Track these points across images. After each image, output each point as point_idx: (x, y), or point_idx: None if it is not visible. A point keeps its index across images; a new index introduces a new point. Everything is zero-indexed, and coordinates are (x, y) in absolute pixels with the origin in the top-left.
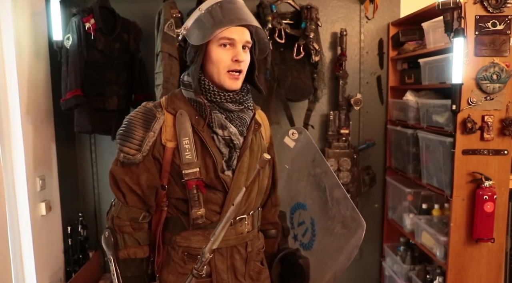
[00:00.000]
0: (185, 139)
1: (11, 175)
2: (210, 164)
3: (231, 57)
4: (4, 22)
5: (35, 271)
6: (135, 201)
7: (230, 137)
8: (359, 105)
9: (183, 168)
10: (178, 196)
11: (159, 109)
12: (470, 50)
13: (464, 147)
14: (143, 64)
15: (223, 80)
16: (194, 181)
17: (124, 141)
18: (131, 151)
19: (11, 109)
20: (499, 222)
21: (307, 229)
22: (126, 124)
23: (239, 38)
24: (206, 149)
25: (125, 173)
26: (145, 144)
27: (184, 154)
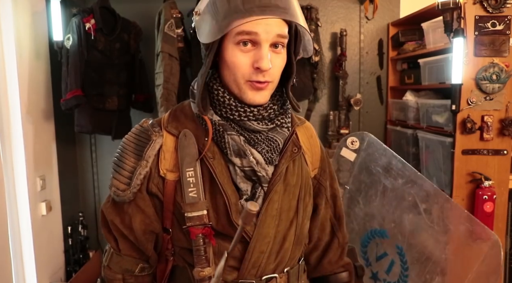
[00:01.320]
0: (189, 170)
1: (11, 175)
2: (221, 205)
3: (252, 62)
4: (4, 22)
5: (36, 270)
6: (128, 249)
7: (252, 168)
8: (359, 105)
9: (186, 210)
10: (183, 244)
11: (156, 129)
12: (469, 50)
13: (464, 147)
14: (143, 64)
15: (243, 92)
16: (199, 229)
17: (114, 171)
18: (121, 186)
19: (12, 109)
20: (498, 222)
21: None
22: (119, 149)
23: (265, 34)
24: (217, 185)
25: (116, 214)
26: (135, 177)
27: (187, 191)
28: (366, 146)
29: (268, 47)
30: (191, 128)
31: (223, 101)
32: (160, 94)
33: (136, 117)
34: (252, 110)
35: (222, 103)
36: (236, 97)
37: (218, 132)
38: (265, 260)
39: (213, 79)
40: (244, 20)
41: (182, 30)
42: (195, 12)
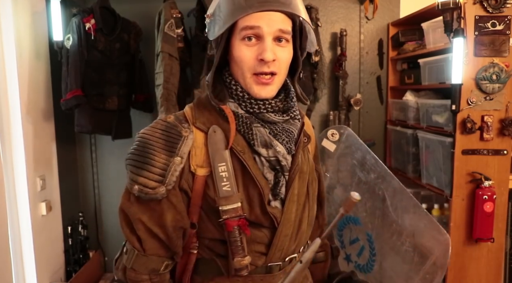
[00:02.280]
0: (221, 165)
1: (11, 175)
2: (255, 195)
3: (256, 55)
4: (4, 22)
5: (36, 270)
6: (155, 248)
7: (277, 158)
8: (359, 105)
9: (220, 204)
10: (213, 236)
11: (186, 125)
12: (469, 50)
13: (464, 147)
14: (143, 64)
15: (249, 86)
16: (235, 221)
17: (138, 168)
18: (150, 183)
19: (12, 109)
20: (498, 222)
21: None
22: (139, 145)
23: (268, 27)
24: (249, 177)
25: (142, 212)
26: (170, 173)
27: (221, 185)
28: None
29: (271, 40)
30: (217, 123)
31: (242, 95)
32: (160, 94)
33: (136, 117)
34: (270, 102)
35: (242, 97)
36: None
37: (245, 124)
38: (288, 242)
39: (229, 75)
40: (245, 14)
41: (182, 30)
42: (206, 16)
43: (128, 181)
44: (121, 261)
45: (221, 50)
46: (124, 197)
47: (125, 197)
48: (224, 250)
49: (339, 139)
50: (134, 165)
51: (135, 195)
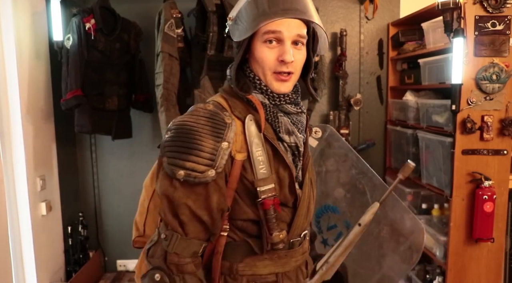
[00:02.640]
0: (258, 149)
1: (11, 175)
2: (285, 177)
3: (277, 57)
4: (4, 22)
5: (36, 270)
6: (197, 232)
7: (296, 144)
8: (359, 105)
9: (258, 185)
10: (248, 217)
11: (226, 113)
12: (469, 50)
13: (464, 147)
14: (143, 64)
15: (269, 82)
16: (271, 200)
17: (184, 153)
18: (199, 167)
19: (12, 109)
20: (498, 222)
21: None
22: (182, 132)
23: (288, 32)
24: (279, 160)
25: (187, 196)
26: (220, 157)
27: (259, 168)
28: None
29: (290, 43)
30: (248, 112)
31: (266, 89)
32: (160, 94)
33: (136, 117)
34: (288, 94)
35: (266, 91)
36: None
37: (272, 114)
38: (303, 220)
39: (251, 71)
40: (270, 20)
41: (182, 30)
42: (229, 18)
43: (169, 167)
44: (157, 249)
45: (244, 50)
46: (165, 184)
47: (166, 183)
48: (256, 230)
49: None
50: (178, 151)
51: (180, 180)
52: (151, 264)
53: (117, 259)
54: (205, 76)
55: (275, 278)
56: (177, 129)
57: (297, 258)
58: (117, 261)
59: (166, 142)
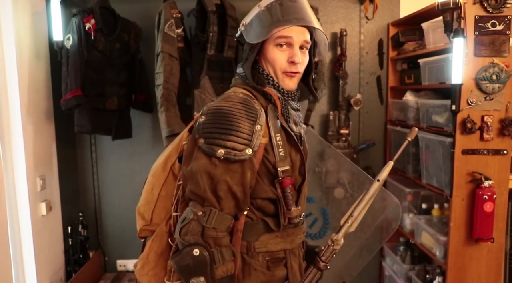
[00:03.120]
0: (277, 135)
1: (11, 175)
2: (297, 160)
3: (287, 58)
4: (4, 22)
5: (36, 271)
6: (231, 207)
7: (300, 134)
8: (359, 105)
9: (279, 165)
10: (267, 195)
11: (255, 101)
12: (469, 50)
13: (464, 147)
14: (143, 64)
15: (281, 80)
16: (288, 179)
17: (226, 134)
18: (239, 146)
19: (12, 109)
20: (498, 222)
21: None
22: (220, 115)
23: (297, 38)
24: (291, 145)
25: (226, 173)
26: (256, 137)
27: (278, 151)
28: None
29: (298, 47)
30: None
31: (278, 86)
32: (160, 94)
33: (136, 117)
34: (293, 92)
35: (277, 87)
36: None
37: (284, 106)
38: (304, 200)
39: (263, 69)
40: (284, 27)
41: (182, 30)
42: (242, 24)
43: (208, 147)
44: (193, 226)
45: (256, 51)
46: (204, 163)
47: (205, 162)
48: (273, 208)
49: None
50: (219, 132)
51: (220, 158)
52: (185, 241)
53: (117, 259)
54: (205, 76)
55: (283, 254)
56: (214, 112)
57: (300, 236)
58: (117, 261)
59: (205, 124)
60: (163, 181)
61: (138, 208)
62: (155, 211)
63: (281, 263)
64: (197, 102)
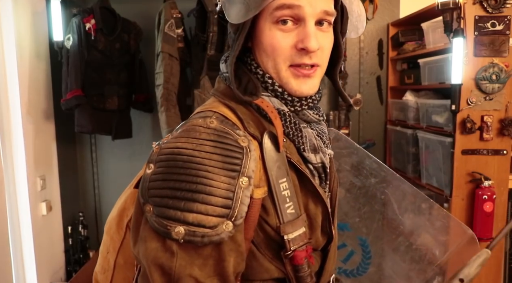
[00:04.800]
0: (282, 181)
1: (12, 175)
2: (318, 214)
3: (295, 43)
4: (5, 22)
5: (36, 270)
6: None
7: (324, 164)
8: (359, 105)
9: (286, 232)
10: (271, 276)
11: (241, 132)
12: (469, 51)
13: (464, 147)
14: (143, 65)
15: (285, 81)
16: (303, 251)
17: (186, 200)
18: (209, 220)
19: (12, 109)
20: (498, 222)
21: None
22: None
23: (311, 7)
24: (307, 191)
25: (191, 263)
26: (239, 201)
27: (285, 207)
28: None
29: (313, 24)
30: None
31: (282, 91)
32: (160, 94)
33: (136, 117)
34: (311, 96)
35: (282, 93)
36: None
37: (294, 125)
38: (332, 263)
39: (257, 65)
40: None
41: (182, 30)
42: None
43: (159, 223)
44: None
45: (245, 35)
46: (153, 248)
47: (155, 247)
48: None
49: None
50: (176, 197)
51: (179, 241)
52: None
53: None
54: (205, 76)
55: None
56: (169, 160)
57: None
58: None
59: (153, 182)
60: (118, 244)
61: (95, 275)
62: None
63: None
64: (197, 102)
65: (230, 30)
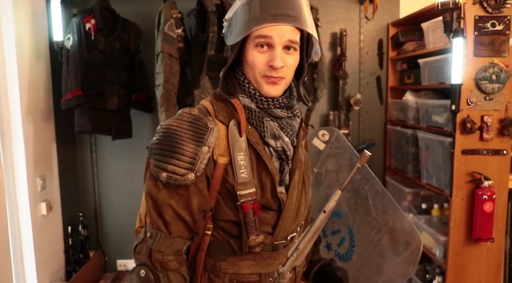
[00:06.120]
0: (240, 154)
1: (11, 175)
2: (267, 182)
3: (267, 61)
4: (5, 22)
5: (36, 270)
6: (180, 231)
7: (283, 148)
8: (359, 105)
9: (238, 189)
10: (229, 218)
11: (210, 118)
12: (469, 51)
13: (464, 147)
14: (143, 65)
15: (260, 86)
16: (250, 204)
17: (167, 157)
18: (180, 170)
19: (12, 109)
20: (498, 222)
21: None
22: (166, 136)
23: (279, 37)
24: (262, 165)
25: (170, 197)
26: (199, 161)
27: (240, 172)
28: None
29: (281, 49)
30: (232, 116)
31: (254, 93)
32: (160, 94)
33: (136, 117)
34: (278, 99)
35: (254, 95)
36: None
37: (257, 118)
38: (290, 223)
39: (242, 74)
40: (260, 26)
41: (182, 30)
42: (224, 20)
43: (154, 169)
44: (143, 246)
45: (235, 53)
46: (150, 184)
47: (151, 184)
48: (238, 231)
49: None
50: (162, 154)
51: (163, 182)
52: (137, 260)
53: (117, 259)
54: (205, 76)
55: (258, 278)
56: (162, 132)
57: (281, 260)
58: (117, 261)
59: (153, 144)
60: None
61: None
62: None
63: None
64: (197, 102)
65: (229, 48)
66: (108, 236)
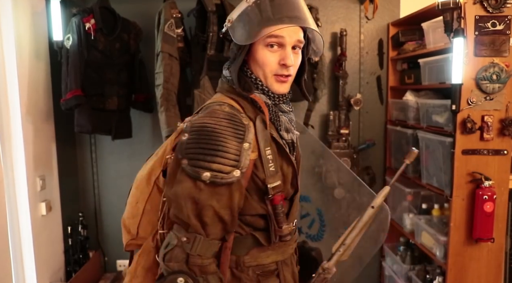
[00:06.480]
0: (267, 149)
1: (11, 175)
2: (289, 173)
3: (278, 60)
4: (4, 22)
5: (36, 271)
6: (217, 232)
7: (293, 140)
8: (359, 105)
9: (269, 182)
10: (257, 212)
11: (243, 115)
12: (470, 50)
13: (464, 147)
14: (143, 64)
15: (270, 84)
16: (279, 196)
17: (209, 155)
18: (226, 168)
19: (12, 109)
20: (498, 222)
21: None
22: (205, 134)
23: (289, 38)
24: (282, 157)
25: (211, 197)
26: (244, 157)
27: (268, 166)
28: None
29: (290, 48)
30: (255, 112)
31: (267, 90)
32: (160, 94)
33: (136, 117)
34: (285, 95)
35: (267, 92)
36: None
37: (274, 113)
38: (296, 209)
39: (251, 72)
40: (276, 27)
41: (182, 30)
42: (228, 20)
43: (192, 169)
44: (177, 252)
45: (246, 52)
46: (187, 186)
47: (189, 186)
48: (264, 223)
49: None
50: (203, 153)
51: (205, 182)
52: (169, 268)
53: (117, 259)
54: (205, 76)
55: (275, 265)
56: (198, 131)
57: (292, 246)
58: (117, 261)
59: (188, 144)
60: (147, 195)
61: (123, 220)
62: (141, 225)
63: (273, 275)
64: (197, 102)
65: (233, 47)
66: (108, 236)
